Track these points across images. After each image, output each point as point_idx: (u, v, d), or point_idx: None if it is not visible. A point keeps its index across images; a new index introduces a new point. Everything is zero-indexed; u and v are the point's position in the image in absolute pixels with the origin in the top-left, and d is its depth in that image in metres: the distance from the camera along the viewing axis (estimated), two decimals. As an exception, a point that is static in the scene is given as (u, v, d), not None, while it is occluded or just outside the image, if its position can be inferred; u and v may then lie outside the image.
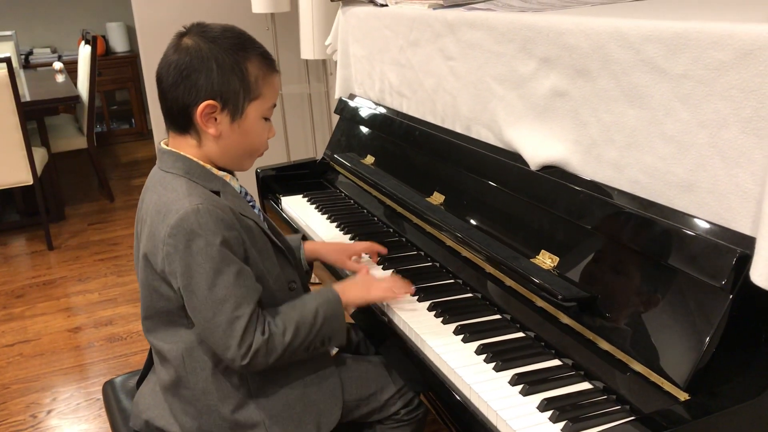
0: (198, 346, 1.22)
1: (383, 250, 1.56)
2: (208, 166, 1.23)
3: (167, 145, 1.25)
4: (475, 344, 1.21)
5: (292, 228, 1.90)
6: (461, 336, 1.24)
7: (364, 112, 2.07)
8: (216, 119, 1.19)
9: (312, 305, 1.23)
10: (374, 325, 1.42)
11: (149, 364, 1.39)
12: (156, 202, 1.18)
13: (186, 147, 1.23)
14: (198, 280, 1.13)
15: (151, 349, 1.35)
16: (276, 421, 1.25)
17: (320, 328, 1.22)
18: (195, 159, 1.22)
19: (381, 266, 1.55)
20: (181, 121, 1.21)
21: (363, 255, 1.57)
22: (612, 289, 1.10)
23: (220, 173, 1.24)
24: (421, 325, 1.29)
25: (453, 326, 1.27)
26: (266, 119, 1.25)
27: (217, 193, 1.20)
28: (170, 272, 1.15)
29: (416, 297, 1.39)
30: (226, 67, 1.17)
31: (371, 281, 1.36)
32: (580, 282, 1.15)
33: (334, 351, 1.42)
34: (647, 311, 1.04)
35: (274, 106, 1.27)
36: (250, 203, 1.29)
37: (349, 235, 1.73)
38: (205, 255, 1.12)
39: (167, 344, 1.24)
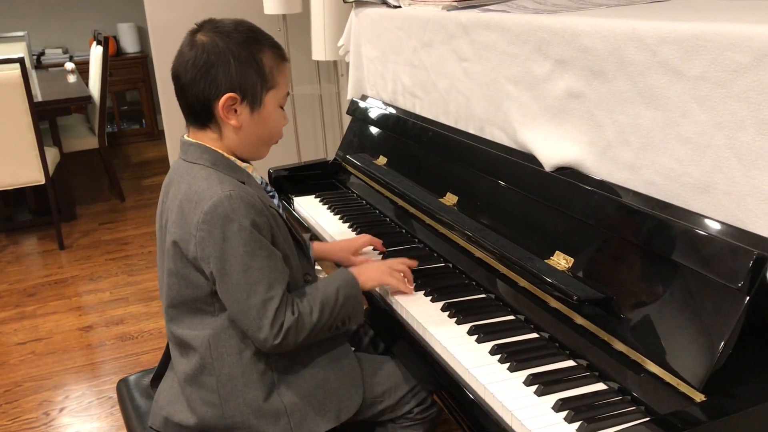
0: (224, 331, 1.25)
1: (379, 244, 1.61)
2: (232, 158, 1.27)
3: (189, 138, 1.29)
4: (489, 345, 1.21)
5: (305, 228, 1.91)
6: (475, 336, 1.24)
7: (377, 113, 2.07)
8: (236, 111, 1.24)
9: (333, 286, 1.28)
10: (387, 325, 1.42)
11: (165, 362, 1.40)
12: (186, 191, 1.22)
13: (207, 140, 1.27)
14: (233, 263, 1.17)
15: (167, 347, 1.36)
16: (298, 408, 1.27)
17: (341, 308, 1.27)
18: (220, 151, 1.26)
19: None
20: (202, 116, 1.25)
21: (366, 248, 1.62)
22: (627, 290, 1.10)
23: (243, 165, 1.29)
24: (435, 326, 1.29)
25: (467, 327, 1.27)
26: (281, 107, 1.31)
27: (242, 183, 1.24)
28: (202, 257, 1.19)
29: (429, 297, 1.39)
30: (243, 60, 1.22)
31: (384, 266, 1.41)
32: (595, 283, 1.15)
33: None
34: (663, 312, 1.04)
35: (288, 94, 1.32)
36: (270, 194, 1.34)
37: (361, 236, 1.74)
38: (239, 239, 1.16)
39: (192, 331, 1.27)
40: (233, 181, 1.22)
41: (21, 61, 3.42)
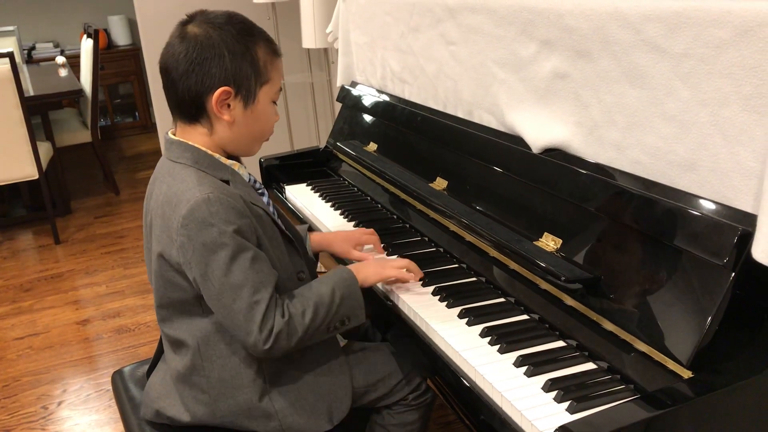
0: (215, 334, 1.23)
1: (379, 246, 1.55)
2: (217, 156, 1.23)
3: (174, 135, 1.26)
4: (480, 327, 1.22)
5: (297, 217, 1.91)
6: (466, 319, 1.25)
7: (366, 100, 2.07)
8: (230, 106, 1.20)
9: (328, 285, 1.24)
10: (380, 312, 1.42)
11: (159, 354, 1.40)
12: (166, 193, 1.19)
13: (196, 136, 1.23)
14: (213, 268, 1.13)
15: (161, 339, 1.36)
16: (289, 411, 1.26)
17: (338, 308, 1.22)
18: (203, 148, 1.22)
19: (386, 253, 1.55)
20: (192, 110, 1.21)
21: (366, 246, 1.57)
22: (615, 269, 1.11)
23: (229, 162, 1.25)
24: (426, 310, 1.29)
25: (458, 310, 1.28)
26: (274, 103, 1.27)
27: (227, 182, 1.20)
28: (184, 263, 1.16)
29: (421, 282, 1.39)
30: (237, 53, 1.18)
31: (386, 260, 1.38)
32: (584, 263, 1.16)
33: (343, 342, 1.43)
34: (650, 291, 1.04)
35: (281, 89, 1.28)
36: (259, 191, 1.30)
37: (353, 223, 1.74)
38: (218, 243, 1.12)
39: (183, 333, 1.25)
40: (214, 181, 1.18)
41: (11, 55, 3.40)
